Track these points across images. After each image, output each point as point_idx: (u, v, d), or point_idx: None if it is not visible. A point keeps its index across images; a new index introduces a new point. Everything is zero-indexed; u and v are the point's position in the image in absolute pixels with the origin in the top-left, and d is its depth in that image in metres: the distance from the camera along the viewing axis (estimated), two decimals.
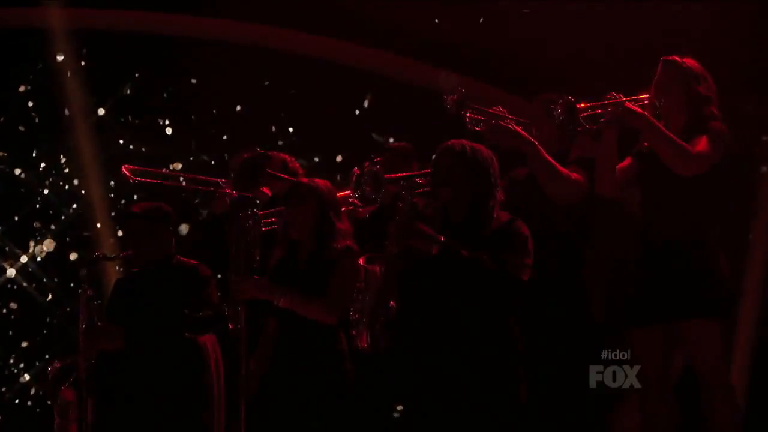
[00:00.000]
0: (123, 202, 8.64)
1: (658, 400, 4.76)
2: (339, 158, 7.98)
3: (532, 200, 4.90)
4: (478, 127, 4.82)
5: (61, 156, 8.85)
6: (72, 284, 8.39)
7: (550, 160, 4.85)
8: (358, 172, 4.47)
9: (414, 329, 4.26)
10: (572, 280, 4.93)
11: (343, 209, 5.03)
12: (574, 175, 4.89)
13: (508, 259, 4.17)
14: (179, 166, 8.62)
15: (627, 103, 4.68)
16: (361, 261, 4.65)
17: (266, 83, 8.65)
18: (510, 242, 4.24)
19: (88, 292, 5.17)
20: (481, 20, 7.64)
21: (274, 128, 8.59)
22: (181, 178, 5.77)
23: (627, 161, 4.91)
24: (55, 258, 8.70)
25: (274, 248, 5.08)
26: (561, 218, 4.91)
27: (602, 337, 4.85)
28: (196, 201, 7.84)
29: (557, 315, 4.83)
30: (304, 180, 5.03)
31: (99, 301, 5.29)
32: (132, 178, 5.49)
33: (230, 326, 4.86)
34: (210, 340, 5.36)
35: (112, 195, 8.73)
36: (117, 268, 7.17)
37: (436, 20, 7.89)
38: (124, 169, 5.47)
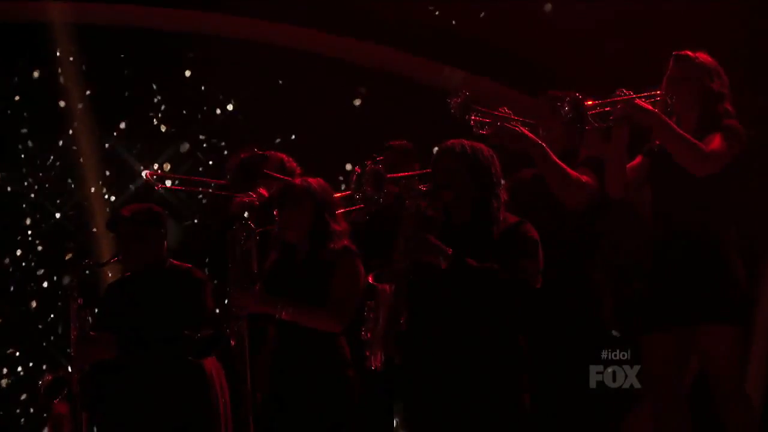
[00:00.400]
0: (112, 198, 8.63)
1: (670, 406, 4.74)
2: (348, 167, 7.97)
3: (539, 202, 4.87)
4: (483, 130, 4.79)
5: (51, 156, 8.85)
6: (59, 292, 8.39)
7: (559, 162, 4.82)
8: (359, 171, 4.46)
9: (423, 343, 4.23)
10: (581, 285, 4.90)
11: (340, 211, 5.01)
12: (584, 178, 4.86)
13: (520, 265, 4.15)
14: (168, 166, 8.62)
15: (637, 100, 4.65)
16: (370, 279, 4.63)
17: (263, 80, 8.65)
18: (520, 247, 4.21)
19: (79, 302, 5.15)
20: (481, 14, 7.63)
21: (271, 126, 8.60)
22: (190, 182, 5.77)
23: (637, 160, 4.89)
24: (45, 261, 8.71)
25: (269, 251, 5.06)
26: (570, 220, 4.89)
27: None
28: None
29: (565, 322, 4.80)
30: (297, 181, 5.00)
31: (91, 309, 5.27)
32: (156, 185, 5.49)
33: (232, 343, 4.84)
34: (215, 366, 5.36)
35: (107, 196, 8.73)
36: (109, 274, 7.16)
37: (436, 12, 7.88)
38: (147, 175, 5.46)
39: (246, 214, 5.16)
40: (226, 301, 4.98)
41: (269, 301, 4.74)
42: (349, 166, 7.94)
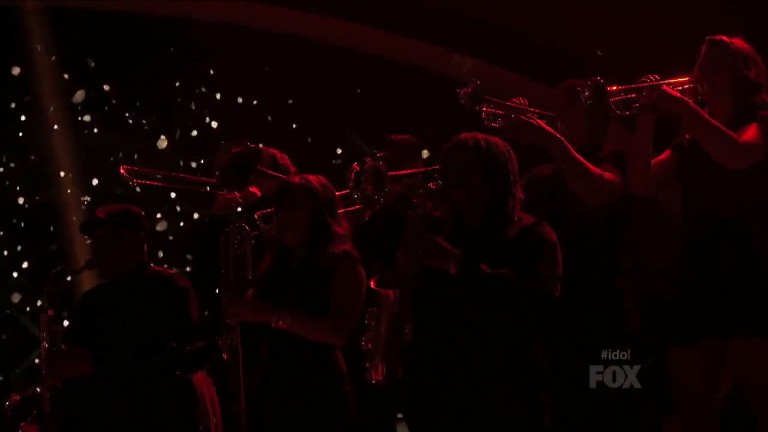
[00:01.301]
0: (87, 200, 8.62)
1: (700, 422, 4.72)
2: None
3: (557, 201, 4.85)
4: (496, 123, 4.76)
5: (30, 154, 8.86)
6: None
7: (580, 158, 4.78)
8: (358, 168, 4.40)
9: (431, 356, 4.21)
10: (605, 294, 4.86)
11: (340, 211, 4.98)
12: (608, 175, 4.83)
13: (537, 271, 4.10)
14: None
15: (665, 87, 4.60)
16: (371, 284, 4.59)
17: (256, 67, 8.65)
18: (536, 250, 4.17)
19: (49, 313, 5.10)
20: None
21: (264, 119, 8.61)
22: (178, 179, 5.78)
23: (665, 154, 4.85)
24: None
25: (264, 254, 5.02)
26: (591, 221, 4.85)
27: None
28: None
29: (588, 333, 4.75)
30: (296, 179, 4.97)
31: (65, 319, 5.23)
32: (131, 180, 5.46)
33: (224, 356, 4.80)
34: (206, 382, 5.35)
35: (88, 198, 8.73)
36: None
37: None
38: (122, 170, 5.49)
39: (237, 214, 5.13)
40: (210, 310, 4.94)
41: (265, 309, 4.70)
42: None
